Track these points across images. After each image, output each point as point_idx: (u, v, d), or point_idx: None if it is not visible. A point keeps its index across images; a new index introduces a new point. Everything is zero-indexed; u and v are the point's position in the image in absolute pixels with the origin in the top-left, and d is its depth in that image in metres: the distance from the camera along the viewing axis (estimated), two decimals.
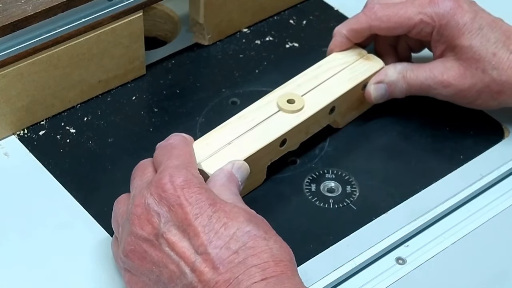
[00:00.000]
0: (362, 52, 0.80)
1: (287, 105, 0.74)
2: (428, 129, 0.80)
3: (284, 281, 0.59)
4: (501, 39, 0.75)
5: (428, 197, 0.74)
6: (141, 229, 0.62)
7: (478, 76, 0.75)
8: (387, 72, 0.78)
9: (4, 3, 0.73)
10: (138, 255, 0.62)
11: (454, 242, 0.71)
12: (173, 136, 0.69)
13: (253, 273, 0.59)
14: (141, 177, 0.66)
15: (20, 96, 0.76)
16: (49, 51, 0.75)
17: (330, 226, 0.71)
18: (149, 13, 0.90)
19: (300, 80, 0.77)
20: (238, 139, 0.71)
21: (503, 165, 0.76)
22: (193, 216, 0.61)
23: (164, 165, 0.64)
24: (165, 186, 0.62)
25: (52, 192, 0.73)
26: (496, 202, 0.74)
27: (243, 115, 0.74)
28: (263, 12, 0.90)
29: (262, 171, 0.74)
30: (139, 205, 0.62)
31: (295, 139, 0.75)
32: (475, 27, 0.75)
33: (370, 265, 0.69)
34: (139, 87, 0.83)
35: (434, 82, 0.76)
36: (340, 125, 0.79)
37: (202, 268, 0.59)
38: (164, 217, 0.61)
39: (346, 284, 0.68)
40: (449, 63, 0.76)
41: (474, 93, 0.76)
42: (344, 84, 0.77)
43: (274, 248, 0.61)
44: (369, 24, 0.78)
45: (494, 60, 0.74)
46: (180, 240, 0.61)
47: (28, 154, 0.76)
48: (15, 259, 0.68)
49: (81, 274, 0.67)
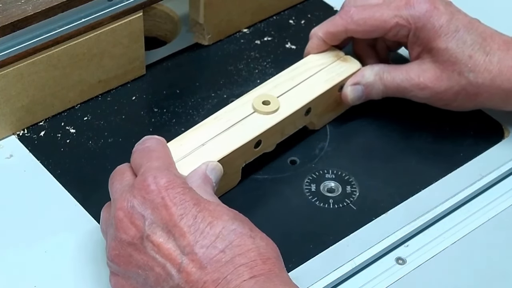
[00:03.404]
0: (339, 53, 0.80)
1: (262, 106, 0.74)
2: (428, 129, 0.80)
3: (273, 279, 0.59)
4: (478, 41, 0.75)
5: (428, 197, 0.74)
6: (125, 233, 0.61)
7: (454, 79, 0.75)
8: (364, 74, 0.78)
9: (4, 3, 0.73)
10: (123, 259, 0.62)
11: (454, 242, 0.71)
12: (148, 139, 0.68)
13: (242, 272, 0.59)
14: (120, 181, 0.65)
15: (20, 96, 0.76)
16: (49, 51, 0.75)
17: (330, 226, 0.71)
18: (149, 13, 0.90)
19: (276, 81, 0.77)
20: (212, 140, 0.71)
21: (503, 165, 0.76)
22: (178, 217, 0.60)
23: (145, 168, 0.64)
24: (148, 187, 0.62)
25: (52, 192, 0.73)
26: (496, 202, 0.74)
27: (218, 116, 0.74)
28: (263, 12, 0.90)
29: (237, 172, 0.73)
30: (121, 208, 0.62)
31: (270, 140, 0.75)
32: (452, 29, 0.75)
33: (370, 265, 0.69)
34: (139, 87, 0.83)
35: (410, 84, 0.76)
36: (316, 127, 0.79)
37: (189, 268, 0.59)
38: (149, 219, 0.61)
39: (346, 284, 0.68)
40: (425, 65, 0.76)
41: (451, 95, 0.76)
42: (320, 85, 0.77)
43: (261, 246, 0.60)
44: (345, 27, 0.78)
45: (471, 62, 0.74)
46: (166, 241, 0.60)
47: (28, 154, 0.76)
48: (15, 259, 0.68)
49: (81, 274, 0.67)
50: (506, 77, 0.74)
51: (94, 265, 0.68)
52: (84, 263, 0.68)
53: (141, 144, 0.68)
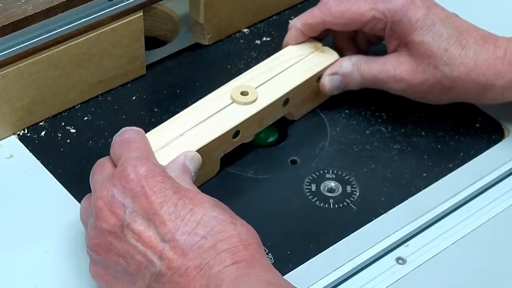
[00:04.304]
0: (317, 45, 0.81)
1: (240, 97, 0.75)
2: (428, 129, 0.80)
3: (254, 265, 0.59)
4: (454, 34, 0.75)
5: (428, 197, 0.74)
6: (105, 222, 0.62)
7: (430, 72, 0.76)
8: (342, 64, 0.79)
9: (4, 3, 0.73)
10: (104, 248, 0.62)
11: (454, 242, 0.71)
12: (127, 130, 0.69)
13: (224, 257, 0.59)
14: (100, 173, 0.66)
15: (20, 96, 0.76)
16: (49, 51, 0.75)
17: (330, 226, 0.71)
18: (149, 13, 0.90)
19: (254, 72, 0.78)
20: (190, 131, 0.72)
21: (503, 165, 0.76)
22: (158, 205, 0.61)
23: (124, 158, 0.64)
24: (128, 176, 0.62)
25: (52, 192, 0.73)
26: (496, 202, 0.74)
27: (196, 107, 0.74)
28: (263, 12, 0.90)
29: (216, 162, 0.74)
30: (101, 197, 0.62)
31: (248, 131, 0.75)
32: (428, 23, 0.75)
33: (370, 265, 0.69)
34: (139, 87, 0.83)
35: (386, 76, 0.77)
36: (295, 117, 0.80)
37: (171, 255, 0.60)
38: (129, 207, 0.61)
39: (346, 284, 0.68)
40: (402, 58, 0.77)
41: (426, 88, 0.76)
42: (298, 76, 0.78)
43: (242, 232, 0.61)
44: (322, 19, 0.79)
45: (446, 56, 0.75)
46: (146, 229, 0.61)
47: (28, 154, 0.76)
48: (15, 259, 0.68)
49: (81, 274, 0.67)
50: (481, 70, 0.75)
51: None
52: (84, 263, 0.68)
53: (120, 135, 0.68)
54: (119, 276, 0.62)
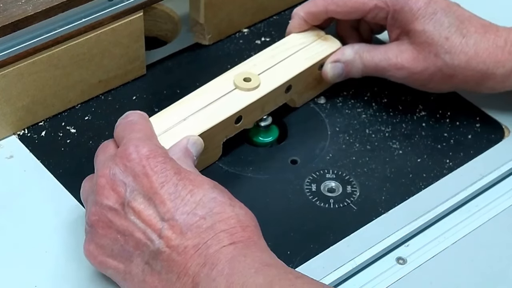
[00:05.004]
0: (320, 33, 0.82)
1: (243, 83, 0.76)
2: (428, 129, 0.80)
3: (251, 246, 0.60)
4: (455, 23, 0.76)
5: (428, 197, 0.74)
6: (106, 199, 0.63)
7: (430, 60, 0.76)
8: (344, 52, 0.80)
9: (5, 3, 0.73)
10: (103, 224, 0.63)
11: (454, 242, 0.71)
12: (131, 113, 0.70)
13: (222, 237, 0.60)
14: (104, 154, 0.67)
15: (21, 96, 0.76)
16: (50, 51, 0.75)
17: (331, 226, 0.71)
18: (149, 13, 0.90)
19: (257, 59, 0.79)
20: (193, 115, 0.73)
21: (503, 165, 0.76)
22: (159, 185, 0.62)
23: (127, 138, 0.65)
24: (130, 156, 0.63)
25: (53, 192, 0.73)
26: (496, 202, 0.74)
27: (199, 93, 0.75)
28: (263, 12, 0.90)
29: (218, 147, 0.75)
30: (103, 175, 0.63)
31: (250, 117, 0.76)
32: (429, 12, 0.76)
33: (370, 265, 0.69)
34: (139, 87, 0.83)
35: (388, 64, 0.78)
36: (297, 104, 0.81)
37: (170, 234, 0.61)
38: (130, 186, 0.62)
39: (346, 284, 0.68)
40: (403, 46, 0.77)
41: (427, 76, 0.77)
42: (300, 63, 0.79)
43: (240, 214, 0.62)
44: (325, 7, 0.79)
45: (447, 44, 0.75)
46: (146, 208, 0.62)
47: (29, 154, 0.76)
48: (15, 259, 0.68)
49: (81, 274, 0.67)
50: (482, 59, 0.75)
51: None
52: (84, 263, 0.68)
53: (124, 118, 0.70)
54: (115, 254, 0.63)
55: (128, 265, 0.63)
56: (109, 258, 0.64)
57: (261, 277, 0.58)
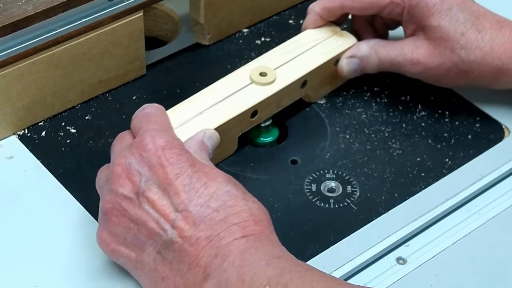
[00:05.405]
0: (336, 29, 0.82)
1: (259, 77, 0.76)
2: (428, 129, 0.80)
3: (263, 240, 0.61)
4: (470, 19, 0.76)
5: (428, 197, 0.74)
6: (121, 187, 0.63)
7: (446, 55, 0.76)
8: (359, 47, 0.80)
9: (5, 3, 0.73)
10: (117, 212, 0.63)
11: (454, 242, 0.71)
12: (148, 106, 0.71)
13: (234, 230, 0.61)
14: (120, 144, 0.68)
15: (21, 96, 0.76)
16: (50, 51, 0.75)
17: (331, 226, 0.71)
18: (149, 13, 0.90)
19: (273, 54, 0.79)
20: (210, 109, 0.73)
21: (503, 165, 0.76)
22: (174, 176, 0.62)
23: (144, 129, 0.66)
24: (146, 146, 0.64)
25: (52, 192, 0.73)
26: (496, 202, 0.74)
27: (216, 87, 0.76)
28: (263, 12, 0.90)
29: (234, 141, 0.75)
30: (119, 164, 0.64)
31: (266, 111, 0.76)
32: (445, 8, 0.76)
33: (370, 265, 0.69)
34: (139, 87, 0.83)
35: (404, 59, 0.78)
36: (312, 100, 0.81)
37: (183, 225, 0.61)
38: (145, 176, 0.63)
39: None
40: (419, 42, 0.78)
41: (442, 71, 0.77)
42: (316, 59, 0.79)
43: (253, 208, 0.62)
44: (341, 3, 0.80)
45: (463, 40, 0.76)
46: (160, 198, 0.62)
47: (29, 154, 0.76)
48: (16, 259, 0.68)
49: (81, 274, 0.67)
50: (497, 55, 0.76)
51: (95, 265, 0.68)
52: (84, 263, 0.68)
53: (141, 110, 0.70)
54: (127, 243, 0.64)
55: (140, 254, 0.63)
56: (122, 246, 0.64)
57: (271, 269, 0.58)
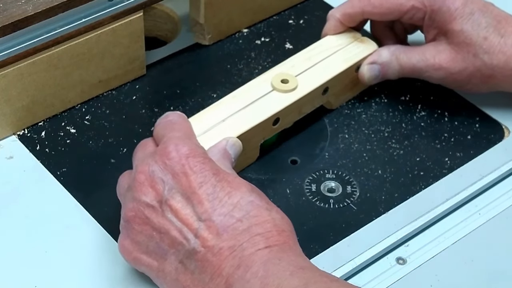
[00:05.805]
0: (356, 35, 0.82)
1: (280, 84, 0.76)
2: (428, 129, 0.80)
3: (286, 250, 0.60)
4: (492, 23, 0.76)
5: (428, 197, 0.74)
6: (144, 195, 0.63)
7: (469, 60, 0.76)
8: (380, 53, 0.80)
9: (4, 3, 0.73)
10: (139, 221, 0.63)
11: (454, 242, 0.71)
12: (170, 113, 0.70)
13: (257, 241, 0.60)
14: (143, 151, 0.67)
15: (20, 96, 0.76)
16: (49, 51, 0.75)
17: (330, 226, 0.71)
18: (149, 13, 0.90)
19: (294, 61, 0.79)
20: (232, 117, 0.73)
21: (503, 165, 0.76)
22: (197, 185, 0.62)
23: (167, 137, 0.66)
24: (170, 154, 0.63)
25: (53, 192, 0.73)
26: (496, 202, 0.74)
27: (237, 94, 0.75)
28: (263, 12, 0.90)
29: (256, 148, 0.75)
30: (142, 171, 0.63)
31: (288, 118, 0.76)
32: (467, 12, 0.76)
33: (370, 265, 0.69)
34: (139, 87, 0.83)
35: (426, 65, 0.78)
36: (333, 106, 0.81)
37: (206, 234, 0.61)
38: (168, 184, 0.63)
39: None
40: (441, 47, 0.77)
41: (465, 76, 0.77)
42: (337, 65, 0.79)
43: (276, 219, 0.62)
44: (361, 9, 0.79)
45: (485, 44, 0.75)
46: (184, 207, 0.62)
47: (29, 154, 0.76)
48: (16, 259, 0.68)
49: (81, 274, 0.67)
50: None
51: (95, 266, 0.68)
52: (84, 263, 0.68)
53: (163, 117, 0.70)
54: (149, 251, 0.63)
55: (162, 263, 0.63)
56: (144, 254, 0.64)
57: (296, 279, 0.58)
